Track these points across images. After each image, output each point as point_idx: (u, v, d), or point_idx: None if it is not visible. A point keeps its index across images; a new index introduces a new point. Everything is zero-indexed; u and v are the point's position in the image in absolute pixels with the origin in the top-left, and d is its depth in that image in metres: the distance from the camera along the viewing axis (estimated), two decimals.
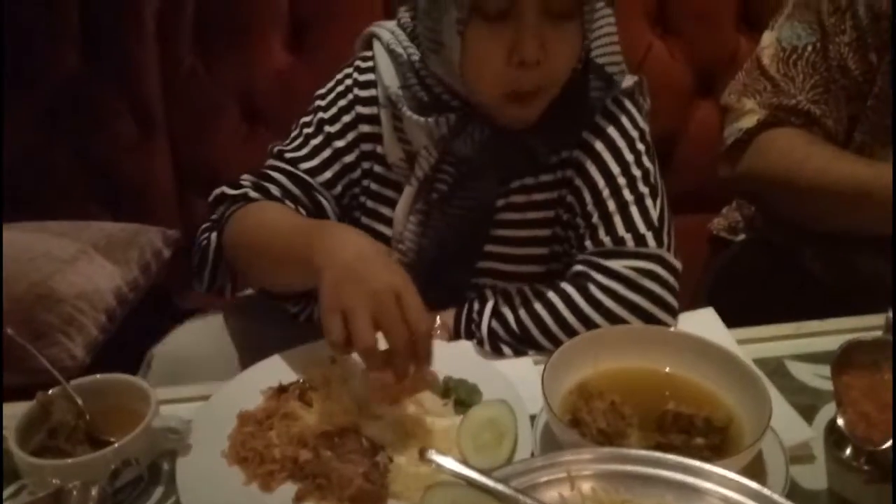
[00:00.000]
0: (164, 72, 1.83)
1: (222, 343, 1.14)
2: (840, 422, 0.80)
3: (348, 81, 1.12)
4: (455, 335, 1.02)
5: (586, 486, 0.67)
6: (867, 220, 1.10)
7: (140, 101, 1.83)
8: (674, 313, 0.99)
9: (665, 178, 1.85)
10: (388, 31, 1.09)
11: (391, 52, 1.07)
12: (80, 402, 0.80)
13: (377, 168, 1.11)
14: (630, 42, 1.82)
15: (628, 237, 1.01)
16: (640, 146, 1.06)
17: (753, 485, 0.65)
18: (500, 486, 0.65)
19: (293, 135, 1.12)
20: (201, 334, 1.17)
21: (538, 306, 0.99)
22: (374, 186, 1.12)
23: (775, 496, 0.64)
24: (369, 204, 1.13)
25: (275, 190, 1.07)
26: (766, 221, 1.39)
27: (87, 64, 1.81)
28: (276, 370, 0.91)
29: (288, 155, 1.10)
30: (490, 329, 1.00)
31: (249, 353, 1.02)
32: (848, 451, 0.82)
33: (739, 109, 1.21)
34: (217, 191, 1.10)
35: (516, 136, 1.03)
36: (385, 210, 1.11)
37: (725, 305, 1.10)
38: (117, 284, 1.46)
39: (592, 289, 0.98)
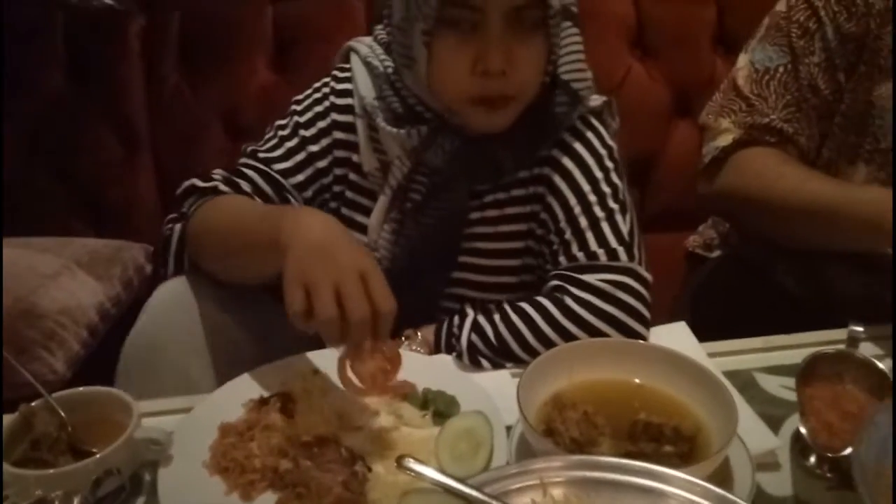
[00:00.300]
0: (148, 90, 1.86)
1: (192, 324, 1.07)
2: (803, 430, 0.83)
3: (325, 89, 1.15)
4: (435, 349, 1.04)
5: (558, 492, 0.69)
6: (835, 237, 1.13)
7: (125, 120, 1.85)
8: (646, 324, 1.02)
9: (644, 197, 1.93)
10: (365, 45, 1.13)
11: (368, 65, 1.10)
12: (62, 413, 0.81)
13: (352, 176, 1.14)
14: (610, 64, 1.89)
15: (601, 252, 1.04)
16: (609, 163, 1.10)
17: (718, 490, 0.68)
18: (474, 493, 0.67)
19: (268, 136, 1.15)
20: (172, 314, 1.10)
21: (516, 319, 1.02)
22: (349, 194, 1.15)
23: (738, 501, 0.66)
24: (344, 211, 1.15)
25: (246, 186, 1.08)
26: (740, 239, 1.42)
27: (73, 83, 1.84)
28: (257, 383, 0.93)
29: (262, 155, 1.12)
30: (469, 342, 1.02)
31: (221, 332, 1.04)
32: (812, 460, 0.85)
33: (716, 128, 1.24)
34: (186, 183, 1.10)
35: (484, 148, 1.06)
36: (360, 218, 1.14)
37: (701, 320, 1.14)
38: (99, 300, 1.47)
39: (569, 301, 1.01)
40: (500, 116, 1.04)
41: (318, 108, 1.14)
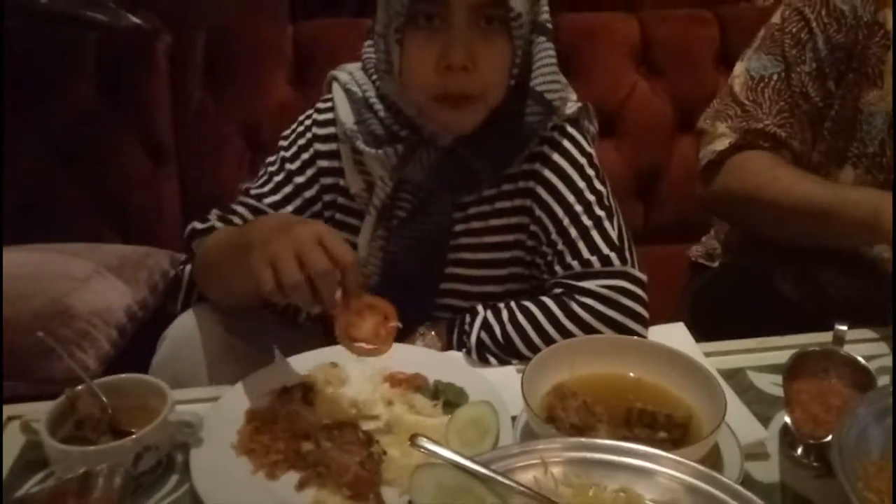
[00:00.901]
0: (174, 105, 1.94)
1: (204, 350, 1.14)
2: (788, 420, 0.89)
3: (307, 122, 1.20)
4: (447, 345, 1.10)
5: (558, 471, 0.75)
6: (827, 235, 1.19)
7: (152, 134, 1.93)
8: (645, 322, 1.08)
9: (648, 209, 1.99)
10: (346, 72, 1.17)
11: (347, 92, 1.15)
12: (103, 398, 0.88)
13: (341, 200, 1.19)
14: (616, 81, 1.96)
15: (594, 259, 1.10)
16: (590, 171, 1.14)
17: (705, 469, 0.73)
18: (481, 469, 0.73)
19: (259, 174, 1.21)
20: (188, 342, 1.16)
21: (523, 320, 1.08)
22: (338, 217, 1.20)
23: (722, 478, 0.72)
24: None
25: (238, 221, 1.15)
26: (740, 247, 1.48)
27: (103, 97, 1.92)
28: (280, 373, 1.00)
29: (254, 192, 1.18)
30: (479, 340, 1.08)
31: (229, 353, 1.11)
32: (799, 451, 0.90)
33: (713, 133, 1.30)
34: (188, 227, 1.18)
35: (461, 158, 1.10)
36: (351, 238, 1.17)
37: (700, 324, 1.19)
38: (128, 303, 1.55)
39: (573, 306, 1.07)
40: (464, 115, 1.07)
41: (301, 141, 1.19)
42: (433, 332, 1.12)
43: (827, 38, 1.22)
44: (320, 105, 1.21)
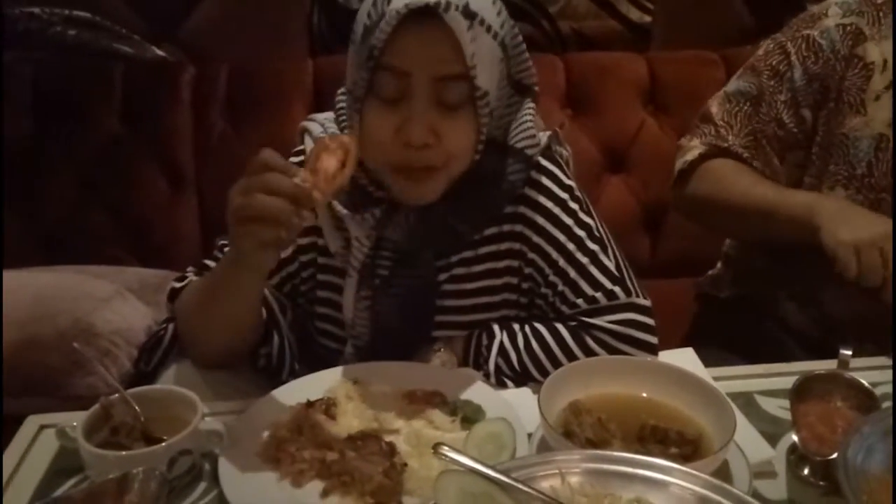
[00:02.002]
0: (196, 135, 2.01)
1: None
2: (795, 438, 0.92)
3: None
4: (463, 363, 1.14)
5: (574, 481, 0.78)
6: (774, 232, 1.32)
7: (173, 163, 2.00)
8: (655, 350, 1.12)
9: (655, 243, 2.03)
10: (318, 123, 1.15)
11: None
12: (136, 407, 0.92)
13: (321, 259, 1.16)
14: (625, 118, 2.03)
15: (599, 296, 1.10)
16: (573, 205, 1.13)
17: (717, 481, 0.77)
18: (502, 477, 0.76)
19: None
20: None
21: (538, 349, 1.11)
22: (321, 276, 1.17)
23: (734, 490, 0.75)
24: (321, 293, 1.18)
25: None
26: (747, 278, 1.53)
27: (127, 126, 1.99)
28: (304, 388, 1.03)
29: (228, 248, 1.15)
30: (496, 366, 1.11)
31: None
32: (806, 470, 0.93)
33: (687, 146, 1.44)
34: (168, 287, 1.16)
35: (441, 218, 1.09)
36: (336, 297, 1.16)
37: (710, 353, 1.22)
38: (148, 324, 1.59)
39: (588, 341, 1.10)
40: (424, 186, 1.05)
41: None
42: (449, 350, 1.15)
43: (805, 70, 1.34)
44: (293, 159, 1.16)
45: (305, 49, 2.18)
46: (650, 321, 1.12)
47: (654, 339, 1.12)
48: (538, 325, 1.13)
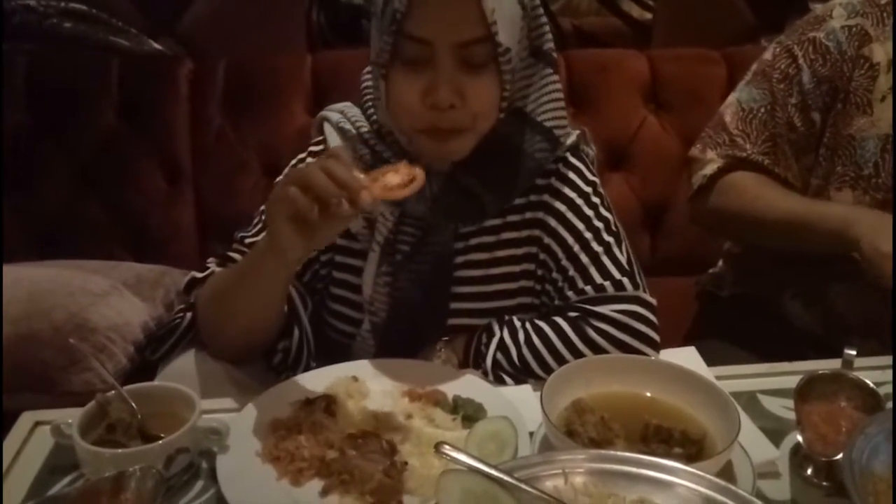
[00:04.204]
0: (193, 130, 1.98)
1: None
2: (800, 438, 0.91)
3: (301, 166, 1.14)
4: (464, 362, 1.13)
5: (578, 481, 0.77)
6: (804, 245, 1.31)
7: (170, 158, 1.97)
8: (656, 347, 1.11)
9: (656, 241, 2.02)
10: (336, 111, 1.17)
11: (340, 130, 1.14)
12: (132, 404, 0.91)
13: (340, 241, 1.17)
14: (626, 116, 2.02)
15: (607, 284, 1.11)
16: (595, 199, 1.16)
17: (722, 482, 0.75)
18: (504, 476, 0.75)
19: (254, 222, 1.18)
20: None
21: (538, 343, 1.10)
22: (339, 258, 1.19)
23: (740, 490, 0.74)
24: (337, 275, 1.19)
25: None
26: (749, 276, 1.52)
27: (124, 121, 1.97)
28: (303, 386, 1.02)
29: (248, 240, 1.16)
30: (494, 360, 1.10)
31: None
32: (810, 471, 0.93)
33: (702, 159, 1.41)
34: (187, 277, 1.17)
35: (465, 189, 1.10)
36: (354, 279, 1.17)
37: (711, 352, 1.22)
38: (144, 319, 1.57)
39: (588, 330, 1.09)
40: (454, 145, 1.07)
41: None
42: (451, 349, 1.14)
43: (813, 73, 1.33)
44: (312, 148, 1.20)
45: (304, 44, 2.18)
46: (653, 318, 1.11)
47: (655, 335, 1.11)
48: (539, 322, 1.13)
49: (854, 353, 1.00)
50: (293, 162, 1.21)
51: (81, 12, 2.06)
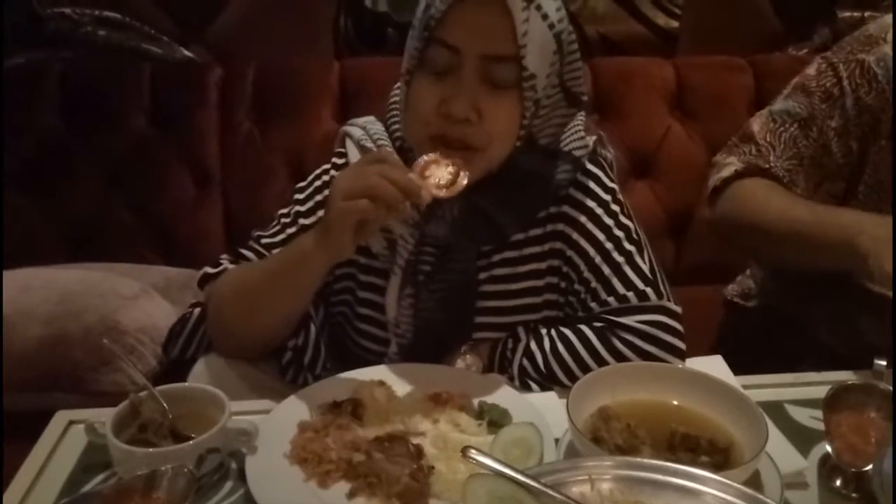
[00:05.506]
0: (222, 136, 2.02)
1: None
2: (829, 448, 0.90)
3: (325, 177, 1.18)
4: (489, 367, 1.13)
5: (604, 487, 0.77)
6: (812, 257, 1.23)
7: (199, 162, 2.01)
8: (682, 356, 1.10)
9: (681, 249, 2.02)
10: (359, 128, 1.17)
11: (362, 148, 1.14)
12: (164, 404, 0.92)
13: (363, 260, 1.17)
14: (652, 123, 2.02)
15: (630, 295, 1.10)
16: (615, 207, 1.15)
17: (750, 491, 0.75)
18: (531, 481, 0.75)
19: (272, 224, 1.18)
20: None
21: (564, 352, 1.10)
22: (362, 277, 1.18)
23: (768, 500, 0.74)
24: (361, 294, 1.19)
25: None
26: (775, 289, 1.50)
27: (154, 126, 2.01)
28: (330, 389, 1.03)
29: (264, 241, 1.16)
30: (521, 367, 1.11)
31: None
32: (839, 482, 0.92)
33: (722, 163, 1.36)
34: (200, 272, 1.17)
35: (485, 212, 1.10)
36: (378, 298, 1.17)
37: (737, 363, 1.21)
38: (173, 322, 1.59)
39: (615, 341, 1.09)
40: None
41: (318, 197, 1.16)
42: (475, 353, 1.14)
43: (857, 99, 1.25)
44: (336, 161, 1.19)
45: (331, 51, 2.19)
46: (679, 326, 1.11)
47: (681, 345, 1.10)
48: (564, 330, 1.13)
49: (884, 363, 0.99)
50: (317, 172, 1.21)
51: (115, 20, 2.10)
